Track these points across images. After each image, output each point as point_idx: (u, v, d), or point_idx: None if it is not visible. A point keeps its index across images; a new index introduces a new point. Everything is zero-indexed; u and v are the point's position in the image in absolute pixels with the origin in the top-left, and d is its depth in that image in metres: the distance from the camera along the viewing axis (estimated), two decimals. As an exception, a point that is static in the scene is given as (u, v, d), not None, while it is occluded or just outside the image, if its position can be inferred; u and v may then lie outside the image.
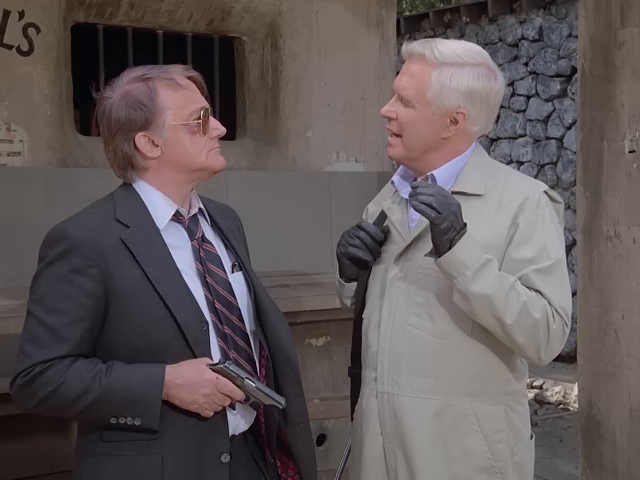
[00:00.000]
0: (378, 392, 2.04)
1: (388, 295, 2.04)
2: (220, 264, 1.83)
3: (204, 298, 1.77)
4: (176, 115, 1.77)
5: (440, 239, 1.89)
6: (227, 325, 1.79)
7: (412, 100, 1.99)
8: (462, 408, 2.00)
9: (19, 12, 3.50)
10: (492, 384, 2.03)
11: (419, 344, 2.00)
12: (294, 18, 4.14)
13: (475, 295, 1.90)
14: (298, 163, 4.17)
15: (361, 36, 4.30)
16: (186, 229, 1.82)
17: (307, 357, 3.90)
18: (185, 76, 1.81)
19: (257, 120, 4.18)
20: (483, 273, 1.90)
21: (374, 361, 2.05)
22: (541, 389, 7.20)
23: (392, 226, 2.08)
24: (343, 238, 2.09)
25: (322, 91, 4.20)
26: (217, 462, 1.74)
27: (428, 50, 1.99)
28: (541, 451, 5.36)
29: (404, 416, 2.01)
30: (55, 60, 3.60)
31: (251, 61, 4.17)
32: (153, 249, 1.74)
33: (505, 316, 1.90)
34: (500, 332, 1.93)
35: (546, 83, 8.83)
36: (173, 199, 1.81)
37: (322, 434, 3.88)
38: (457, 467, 2.00)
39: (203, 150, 1.79)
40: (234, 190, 3.92)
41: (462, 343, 2.00)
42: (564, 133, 8.69)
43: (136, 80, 1.78)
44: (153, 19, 3.91)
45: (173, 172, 1.79)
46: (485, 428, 2.01)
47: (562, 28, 8.67)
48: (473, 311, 1.93)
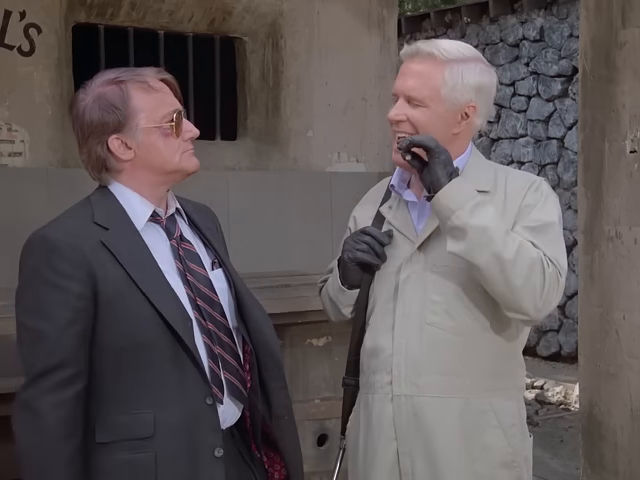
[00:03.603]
0: (394, 395, 2.02)
1: (401, 297, 2.03)
2: (200, 262, 1.85)
3: (186, 296, 1.79)
4: (149, 118, 1.78)
5: (441, 171, 1.91)
6: (210, 321, 1.80)
7: (425, 99, 2.01)
8: (481, 404, 2.01)
9: (20, 12, 3.50)
10: (506, 379, 2.06)
11: (439, 343, 2.00)
12: (295, 18, 4.14)
13: (475, 228, 1.89)
14: (299, 163, 4.17)
15: (362, 36, 4.30)
16: (164, 229, 1.84)
17: (308, 357, 3.90)
18: (159, 79, 1.82)
19: (258, 120, 4.18)
20: (481, 207, 1.92)
21: (388, 364, 2.03)
22: (542, 389, 7.19)
23: (395, 229, 2.08)
24: (348, 244, 2.08)
25: (323, 91, 4.20)
26: (211, 456, 1.75)
27: (434, 49, 2.02)
28: (542, 451, 5.37)
29: (426, 417, 2.00)
30: (56, 60, 3.60)
31: (252, 61, 4.17)
32: (134, 249, 1.76)
33: (504, 251, 1.89)
34: (498, 273, 1.90)
35: (547, 83, 8.82)
36: (149, 200, 1.82)
37: (323, 434, 3.88)
38: (479, 465, 2.01)
39: (176, 152, 1.81)
40: (235, 190, 3.92)
41: (481, 339, 2.02)
42: (565, 133, 8.69)
43: (109, 83, 1.79)
44: (154, 19, 3.91)
45: (147, 174, 1.81)
46: (503, 423, 2.03)
47: (563, 28, 8.66)
48: (471, 249, 1.90)
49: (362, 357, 2.12)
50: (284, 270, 3.87)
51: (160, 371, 1.73)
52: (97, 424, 1.72)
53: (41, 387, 1.67)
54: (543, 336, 8.81)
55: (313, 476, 3.73)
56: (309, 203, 4.13)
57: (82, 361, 1.71)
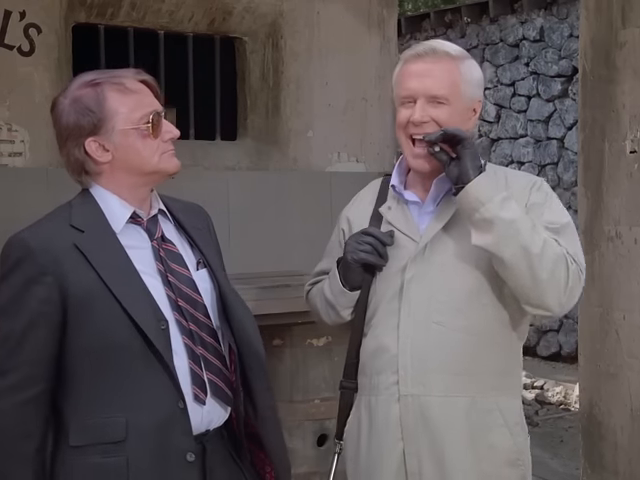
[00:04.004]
0: (401, 395, 2.01)
1: (406, 296, 2.02)
2: (182, 262, 1.84)
3: (165, 297, 1.78)
4: (126, 119, 1.78)
5: (471, 163, 1.92)
6: (192, 322, 1.79)
7: (449, 97, 2.01)
8: (487, 404, 2.02)
9: (20, 12, 3.50)
10: (512, 378, 2.08)
11: (446, 342, 2.00)
12: (295, 18, 4.14)
13: (504, 221, 1.90)
14: (299, 163, 4.17)
15: (362, 36, 4.30)
16: (145, 230, 1.83)
17: (308, 357, 3.90)
18: (137, 80, 1.82)
19: (258, 120, 4.18)
20: (509, 201, 1.93)
21: (393, 365, 2.02)
22: (542, 389, 7.19)
23: (396, 230, 2.08)
24: (350, 245, 2.07)
25: (323, 91, 4.19)
26: (183, 462, 1.74)
27: (446, 47, 2.05)
28: (542, 451, 5.37)
29: (433, 417, 1.99)
30: (56, 60, 3.60)
31: (252, 61, 4.17)
32: (108, 252, 1.75)
33: (532, 245, 1.90)
34: (524, 267, 1.91)
35: (547, 83, 8.83)
36: (130, 202, 1.82)
37: (323, 434, 3.88)
38: (486, 464, 2.01)
39: (155, 153, 1.80)
40: (235, 190, 3.92)
41: (491, 338, 2.02)
42: (565, 133, 8.69)
43: (85, 85, 1.80)
44: (154, 19, 3.91)
45: (127, 176, 1.81)
46: (508, 422, 2.04)
47: (563, 28, 8.66)
48: (499, 242, 1.91)
49: (363, 359, 2.10)
50: (284, 270, 3.87)
51: (132, 374, 1.72)
52: (70, 427, 1.72)
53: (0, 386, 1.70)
54: (543, 336, 8.81)
55: (313, 476, 3.73)
56: (309, 203, 4.13)
57: (43, 364, 1.71)
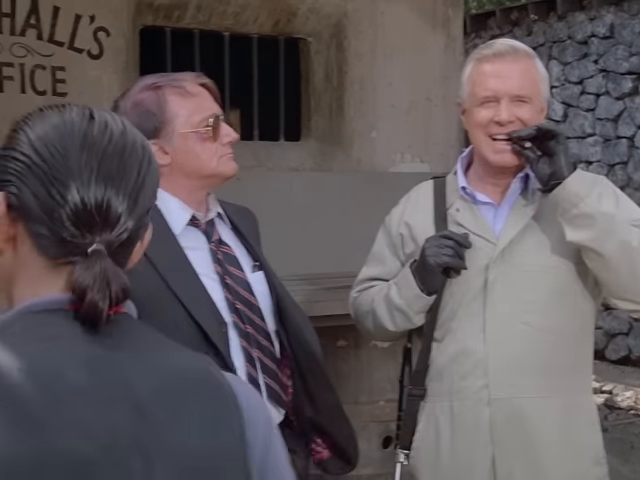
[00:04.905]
0: (491, 399, 1.98)
1: (490, 298, 2.00)
2: (239, 265, 1.85)
3: (224, 299, 1.79)
4: (185, 123, 1.79)
5: (565, 158, 1.91)
6: (249, 324, 1.80)
7: (532, 96, 2.02)
8: (577, 402, 2.02)
9: (90, 16, 3.56)
10: (589, 376, 2.09)
11: (536, 343, 1.99)
12: (359, 18, 4.13)
13: (604, 215, 1.88)
14: (362, 164, 4.16)
15: (427, 36, 4.26)
16: (203, 233, 1.84)
17: (372, 359, 3.89)
18: (197, 83, 1.82)
19: (322, 121, 4.18)
20: (605, 196, 1.92)
21: (481, 367, 1.99)
22: (611, 394, 7.06)
23: (469, 232, 2.05)
24: (430, 249, 2.02)
25: (387, 92, 4.17)
26: None
27: (522, 46, 2.05)
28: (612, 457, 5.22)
29: (527, 418, 1.98)
30: (124, 63, 3.66)
31: (316, 62, 4.17)
32: (169, 253, 1.76)
33: (631, 239, 1.88)
34: (625, 261, 1.89)
35: (617, 81, 8.63)
36: (188, 204, 1.82)
37: (388, 436, 3.86)
38: (577, 463, 2.01)
39: (214, 156, 1.81)
40: (298, 191, 3.92)
41: (572, 337, 2.02)
42: (635, 132, 8.50)
43: (147, 89, 1.80)
44: (219, 21, 3.95)
45: (185, 178, 1.81)
46: (594, 420, 2.04)
47: (634, 25, 8.46)
48: (599, 237, 1.88)
49: (438, 364, 2.07)
50: (347, 271, 3.84)
51: None
52: None
53: None
54: (612, 339, 8.62)
55: (378, 478, 3.71)
56: (372, 204, 4.10)
57: None
